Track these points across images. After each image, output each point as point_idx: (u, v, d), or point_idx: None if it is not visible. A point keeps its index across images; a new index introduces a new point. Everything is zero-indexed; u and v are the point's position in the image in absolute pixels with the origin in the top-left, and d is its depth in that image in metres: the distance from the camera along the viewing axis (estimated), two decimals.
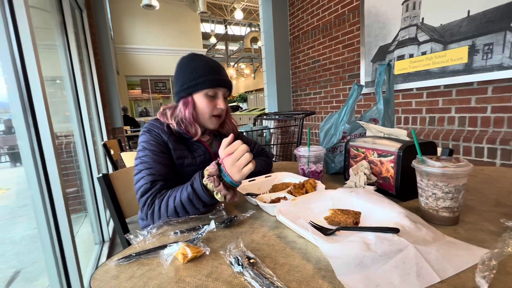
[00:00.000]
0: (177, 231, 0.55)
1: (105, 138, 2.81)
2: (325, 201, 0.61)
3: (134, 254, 0.46)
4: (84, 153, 2.02)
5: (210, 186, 0.60)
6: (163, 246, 0.47)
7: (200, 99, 0.81)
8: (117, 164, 2.09)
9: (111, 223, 2.24)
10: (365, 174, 0.70)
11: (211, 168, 0.61)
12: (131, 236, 0.52)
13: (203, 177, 0.62)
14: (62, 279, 1.09)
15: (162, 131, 0.80)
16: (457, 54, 1.71)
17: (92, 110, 2.60)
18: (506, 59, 1.49)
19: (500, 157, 1.55)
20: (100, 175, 0.82)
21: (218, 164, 0.62)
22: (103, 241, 2.10)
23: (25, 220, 2.49)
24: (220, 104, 0.82)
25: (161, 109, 0.87)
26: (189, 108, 0.81)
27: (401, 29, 2.03)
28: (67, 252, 1.09)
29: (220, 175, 0.61)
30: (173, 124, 0.81)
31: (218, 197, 0.60)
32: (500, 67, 1.52)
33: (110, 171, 2.49)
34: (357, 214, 0.52)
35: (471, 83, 1.67)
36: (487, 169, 0.90)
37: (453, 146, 1.76)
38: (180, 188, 0.65)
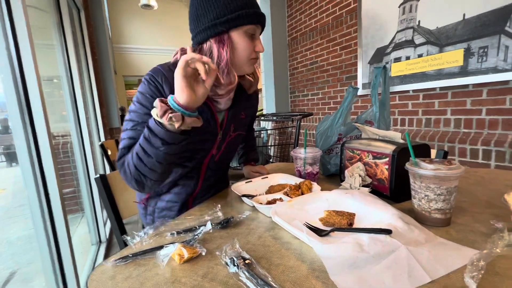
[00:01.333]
0: (173, 232, 0.55)
1: (103, 138, 2.80)
2: (321, 202, 0.62)
3: (131, 255, 0.47)
4: (81, 153, 2.02)
5: (154, 113, 0.53)
6: (160, 247, 0.48)
7: (239, 37, 0.66)
8: (114, 165, 2.09)
9: (108, 224, 2.24)
10: (360, 175, 0.71)
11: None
12: (128, 238, 0.52)
13: None
14: (59, 279, 1.09)
15: (166, 82, 0.66)
16: (453, 56, 1.73)
17: (89, 110, 2.60)
18: (501, 62, 1.51)
19: (495, 159, 1.57)
20: (97, 175, 0.82)
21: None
22: (100, 241, 2.09)
23: (21, 220, 2.47)
24: (259, 45, 0.69)
25: (179, 51, 0.71)
26: (227, 48, 0.65)
27: (398, 32, 2.05)
28: (64, 253, 1.09)
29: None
30: None
31: (166, 124, 0.53)
32: (495, 69, 1.54)
33: (108, 171, 2.49)
34: (352, 216, 0.53)
35: (466, 86, 1.69)
36: (481, 171, 0.91)
37: (449, 148, 1.78)
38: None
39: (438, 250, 0.42)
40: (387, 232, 0.44)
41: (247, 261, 0.42)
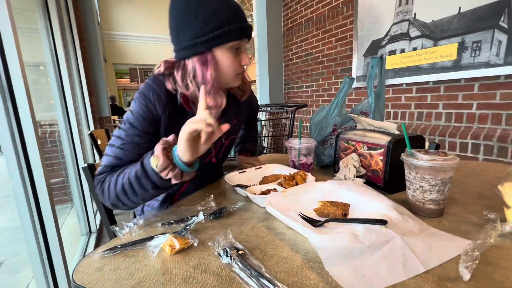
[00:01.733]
0: (164, 222, 0.54)
1: (92, 128, 2.73)
2: (315, 193, 0.61)
3: (120, 246, 0.45)
4: (69, 142, 1.96)
5: (154, 163, 0.51)
6: (150, 238, 0.46)
7: (223, 55, 0.62)
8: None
9: (99, 214, 2.20)
10: (354, 166, 0.71)
11: (164, 141, 0.52)
12: (117, 228, 0.51)
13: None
14: (47, 270, 1.07)
15: (159, 99, 0.62)
16: (447, 50, 1.73)
17: (77, 98, 2.51)
18: (493, 57, 1.52)
19: (483, 153, 1.60)
20: (85, 165, 0.79)
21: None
22: (90, 232, 2.06)
23: (8, 211, 2.41)
24: (245, 59, 0.65)
25: (162, 64, 0.66)
26: (210, 67, 0.61)
27: (393, 24, 2.04)
28: (52, 243, 1.06)
29: (169, 152, 0.51)
30: (185, 92, 0.63)
31: (163, 175, 0.51)
32: (487, 64, 1.55)
33: (97, 161, 2.43)
34: (346, 206, 0.53)
35: (458, 80, 1.70)
36: (471, 163, 0.92)
37: (439, 141, 1.80)
38: (132, 165, 0.56)
39: (432, 240, 0.42)
40: (382, 222, 0.43)
41: (240, 252, 0.41)
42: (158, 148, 0.52)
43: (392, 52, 2.07)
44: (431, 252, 0.39)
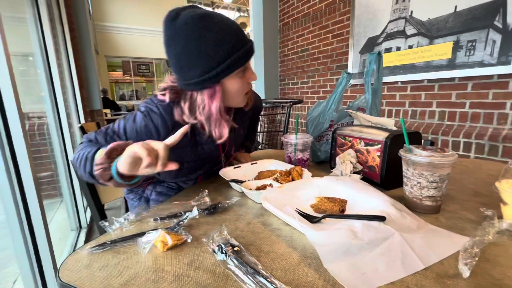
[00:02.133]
0: (157, 217, 0.52)
1: (82, 121, 2.66)
2: (312, 188, 0.60)
3: (109, 242, 0.43)
4: (58, 135, 1.91)
5: (99, 154, 0.51)
6: (141, 234, 0.45)
7: (232, 81, 0.61)
8: None
9: (89, 209, 2.16)
10: (351, 162, 0.70)
11: (123, 143, 0.50)
12: (106, 224, 0.49)
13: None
14: (34, 266, 1.04)
15: (163, 123, 0.62)
16: (442, 49, 1.74)
17: (68, 90, 2.44)
18: (487, 57, 1.53)
19: (475, 151, 1.62)
20: None
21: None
22: (80, 227, 2.02)
23: None
24: (252, 76, 0.65)
25: (167, 93, 0.63)
26: (217, 99, 0.60)
27: (390, 21, 2.03)
28: (39, 239, 1.03)
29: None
30: (192, 122, 0.62)
31: (95, 169, 0.50)
32: (481, 64, 1.56)
33: None
34: (344, 202, 0.52)
35: (452, 79, 1.72)
36: (465, 161, 0.93)
37: (433, 139, 1.82)
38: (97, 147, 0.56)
39: (430, 237, 0.41)
40: (381, 219, 0.43)
41: (235, 248, 0.40)
42: (111, 144, 0.50)
43: (388, 50, 2.07)
44: (430, 249, 0.39)
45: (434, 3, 1.75)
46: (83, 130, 1.87)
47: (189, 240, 0.44)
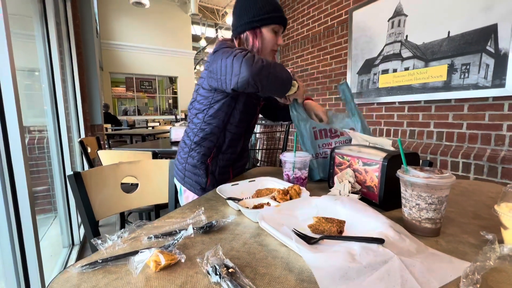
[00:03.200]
0: (151, 235, 0.51)
1: (83, 135, 2.67)
2: (310, 208, 0.59)
3: (100, 261, 0.42)
4: (57, 149, 1.91)
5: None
6: (134, 252, 0.43)
7: (267, 32, 0.88)
8: (93, 163, 1.98)
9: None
10: (349, 182, 0.70)
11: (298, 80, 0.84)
12: (99, 241, 0.47)
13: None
14: (22, 284, 1.00)
15: None
16: (437, 71, 1.79)
17: (70, 104, 2.47)
18: (481, 79, 1.57)
19: (474, 172, 1.62)
20: (71, 173, 0.76)
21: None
22: (73, 244, 1.97)
23: None
24: (280, 40, 0.90)
25: (221, 40, 0.88)
26: (258, 39, 0.87)
27: (386, 45, 2.11)
28: (29, 256, 1.00)
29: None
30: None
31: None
32: (476, 86, 1.60)
33: (86, 169, 2.36)
34: (342, 223, 0.51)
35: (449, 100, 1.75)
36: (464, 182, 0.93)
37: (431, 159, 1.82)
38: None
39: (431, 262, 0.40)
40: (380, 241, 0.42)
41: (230, 270, 0.38)
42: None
43: (385, 71, 2.13)
44: (430, 274, 0.37)
45: (428, 28, 1.83)
46: (82, 145, 1.88)
47: (182, 260, 0.43)
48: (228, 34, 11.77)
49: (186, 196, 0.98)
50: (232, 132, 0.93)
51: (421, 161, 1.06)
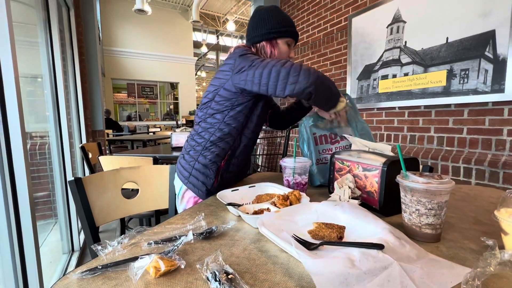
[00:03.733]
0: (151, 241, 0.51)
1: (84, 141, 2.68)
2: (310, 214, 0.59)
3: (100, 267, 0.42)
4: (59, 155, 1.91)
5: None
6: (134, 258, 0.43)
7: (282, 44, 0.95)
8: (94, 169, 1.99)
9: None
10: (349, 187, 0.70)
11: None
12: (99, 247, 0.47)
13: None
14: None
15: None
16: (437, 77, 1.81)
17: (72, 110, 2.49)
18: (481, 85, 1.58)
19: (475, 177, 1.62)
20: (72, 178, 0.76)
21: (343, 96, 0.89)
22: (73, 250, 1.96)
23: None
24: (292, 53, 0.99)
25: (241, 46, 0.94)
26: (275, 49, 0.94)
27: (385, 50, 2.13)
28: (29, 262, 1.00)
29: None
30: None
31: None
32: (475, 91, 1.61)
33: (87, 174, 2.36)
34: (342, 229, 0.51)
35: (449, 105, 1.76)
36: (465, 187, 0.92)
37: (432, 164, 1.82)
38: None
39: (431, 268, 0.40)
40: (379, 247, 0.42)
41: (230, 276, 0.38)
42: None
43: (385, 77, 2.14)
44: (430, 280, 0.37)
45: (426, 34, 1.85)
46: (83, 150, 1.88)
47: (182, 266, 0.43)
48: (228, 40, 11.90)
49: (185, 197, 0.96)
50: (247, 137, 0.95)
51: (421, 166, 1.06)
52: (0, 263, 0.96)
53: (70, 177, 1.96)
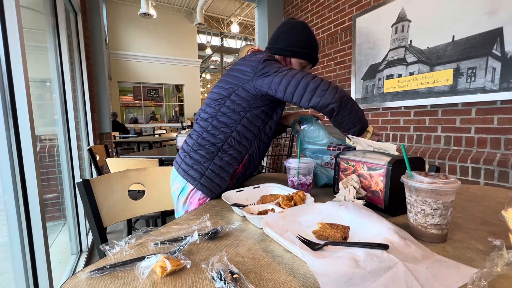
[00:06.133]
0: (157, 242, 0.52)
1: (92, 143, 2.73)
2: (314, 214, 0.60)
3: (108, 266, 0.43)
4: (67, 157, 1.95)
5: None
6: (141, 258, 0.44)
7: (296, 64, 0.95)
8: (102, 170, 2.02)
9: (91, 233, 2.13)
10: (354, 188, 0.69)
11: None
12: (107, 247, 0.48)
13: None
14: None
15: None
16: (443, 76, 1.78)
17: (80, 114, 2.54)
18: (488, 83, 1.56)
19: (484, 177, 1.59)
20: (80, 180, 0.78)
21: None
22: (81, 251, 1.99)
23: None
24: None
25: (265, 51, 0.95)
26: (287, 66, 0.93)
27: (390, 50, 2.11)
28: (39, 263, 1.02)
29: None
30: None
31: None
32: (483, 90, 1.58)
33: (94, 176, 2.40)
34: (346, 229, 0.51)
35: (456, 104, 1.73)
36: (473, 188, 0.91)
37: (439, 164, 1.80)
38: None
39: (437, 268, 0.40)
40: (384, 247, 0.42)
41: (235, 276, 0.39)
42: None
43: (390, 76, 2.12)
44: (436, 280, 0.37)
45: (432, 33, 1.83)
46: (91, 152, 1.92)
47: (188, 266, 0.43)
48: (232, 42, 11.95)
49: (189, 198, 0.88)
50: (264, 142, 0.93)
51: (428, 166, 1.05)
52: (11, 264, 0.98)
53: (78, 179, 1.99)
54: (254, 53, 0.91)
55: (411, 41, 1.96)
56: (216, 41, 11.45)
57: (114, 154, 3.92)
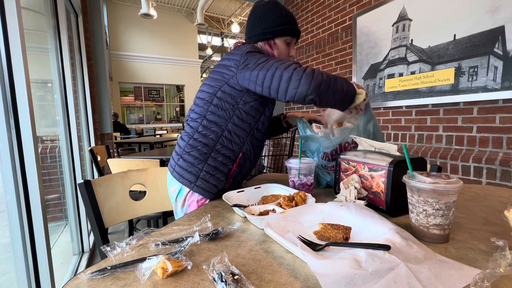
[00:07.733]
0: (158, 243, 0.52)
1: (93, 144, 2.74)
2: (315, 215, 0.59)
3: (109, 267, 0.43)
4: (69, 158, 1.96)
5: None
6: (142, 259, 0.44)
7: (281, 43, 0.91)
8: (103, 171, 2.02)
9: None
10: (355, 188, 0.69)
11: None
12: (108, 248, 0.48)
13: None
14: None
15: None
16: (444, 75, 1.78)
17: (81, 114, 2.54)
18: (490, 82, 1.55)
19: (486, 176, 1.58)
20: (81, 181, 0.78)
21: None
22: (83, 251, 1.99)
23: (0, 227, 2.35)
24: (292, 52, 0.94)
25: (246, 43, 0.92)
26: (273, 49, 0.90)
27: (391, 49, 2.10)
28: (41, 263, 1.02)
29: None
30: None
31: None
32: (485, 89, 1.58)
33: (96, 177, 2.41)
34: (348, 229, 0.51)
35: (457, 103, 1.72)
36: (475, 187, 0.91)
37: (441, 164, 1.79)
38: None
39: (439, 269, 0.40)
40: (386, 248, 0.41)
41: (236, 277, 0.39)
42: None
43: (391, 76, 2.12)
44: (438, 281, 0.37)
45: (433, 32, 1.82)
46: (92, 153, 1.92)
47: (189, 267, 0.43)
48: (233, 42, 11.92)
49: (187, 201, 0.87)
50: (258, 138, 0.90)
51: (430, 166, 1.05)
52: (13, 264, 0.98)
53: (79, 180, 1.99)
54: (237, 47, 0.88)
55: (412, 40, 1.95)
56: (216, 41, 11.45)
57: (115, 154, 3.92)
